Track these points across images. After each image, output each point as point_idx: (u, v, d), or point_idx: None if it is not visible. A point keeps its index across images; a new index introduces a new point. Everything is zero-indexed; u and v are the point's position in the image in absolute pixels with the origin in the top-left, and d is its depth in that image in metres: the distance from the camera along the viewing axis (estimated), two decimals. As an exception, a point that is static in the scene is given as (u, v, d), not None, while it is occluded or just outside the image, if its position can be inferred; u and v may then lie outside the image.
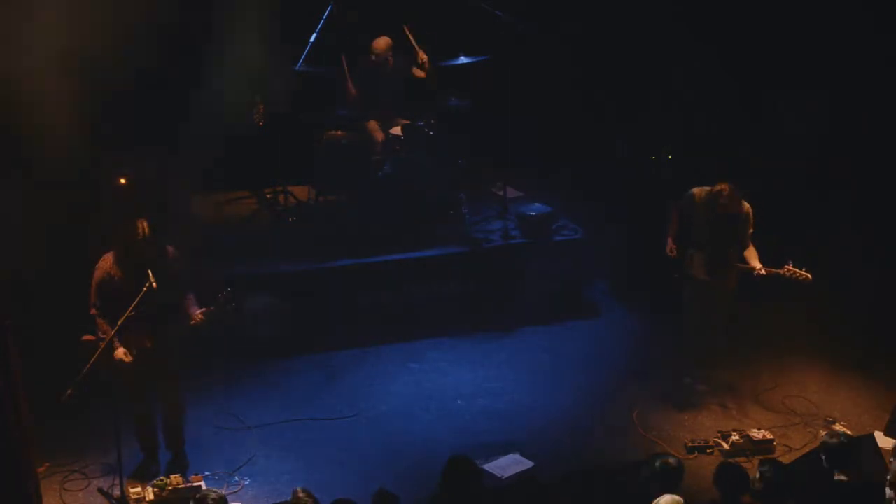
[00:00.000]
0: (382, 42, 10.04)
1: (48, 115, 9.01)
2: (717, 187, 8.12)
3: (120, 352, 7.13)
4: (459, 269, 9.92)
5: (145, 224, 7.03)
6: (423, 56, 10.07)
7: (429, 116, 10.07)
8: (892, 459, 6.23)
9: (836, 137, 10.05)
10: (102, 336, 7.10)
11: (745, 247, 8.26)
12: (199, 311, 7.24)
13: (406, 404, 8.70)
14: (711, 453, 7.95)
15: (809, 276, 7.89)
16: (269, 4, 10.03)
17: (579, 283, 10.46)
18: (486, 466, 7.73)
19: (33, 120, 8.93)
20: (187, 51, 10.18)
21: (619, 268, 10.62)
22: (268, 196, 10.51)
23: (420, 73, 10.17)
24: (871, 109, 9.92)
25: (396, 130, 10.11)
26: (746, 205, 8.25)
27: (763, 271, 8.09)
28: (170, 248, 7.32)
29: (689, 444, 8.03)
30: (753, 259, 8.18)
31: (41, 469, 7.30)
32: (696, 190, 8.40)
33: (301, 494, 5.99)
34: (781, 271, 7.99)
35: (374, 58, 10.08)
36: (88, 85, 9.21)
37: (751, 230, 8.28)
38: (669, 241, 8.59)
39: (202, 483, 7.37)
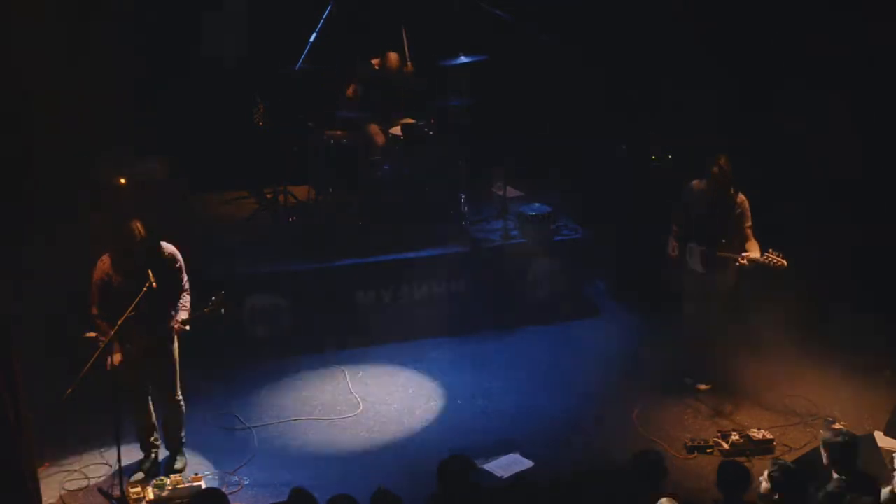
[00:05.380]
0: (393, 58, 10.05)
1: (48, 115, 9.04)
2: (716, 159, 8.14)
3: (116, 357, 7.10)
4: (459, 269, 9.92)
5: (140, 226, 7.01)
6: (409, 68, 10.13)
7: (429, 116, 10.08)
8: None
9: (836, 136, 10.04)
10: (102, 337, 7.10)
11: (746, 239, 8.26)
12: (178, 319, 7.24)
13: (406, 404, 8.70)
14: (711, 453, 7.94)
15: (785, 262, 7.89)
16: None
17: (579, 283, 10.47)
18: (486, 466, 7.73)
19: (34, 120, 8.96)
20: (186, 50, 10.21)
21: (620, 268, 10.62)
22: (268, 196, 10.51)
23: (409, 70, 10.23)
24: (872, 108, 9.91)
25: (396, 130, 10.12)
26: (742, 196, 8.27)
27: (745, 261, 8.08)
28: (169, 248, 7.31)
29: (689, 444, 8.02)
30: (753, 251, 8.16)
31: (41, 469, 7.29)
32: (695, 182, 8.44)
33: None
34: (762, 259, 8.00)
35: (383, 68, 10.09)
36: (89, 85, 9.23)
37: (749, 223, 8.28)
38: (672, 240, 8.60)
39: (202, 483, 7.37)
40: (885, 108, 9.85)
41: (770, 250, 7.98)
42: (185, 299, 7.37)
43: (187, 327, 7.25)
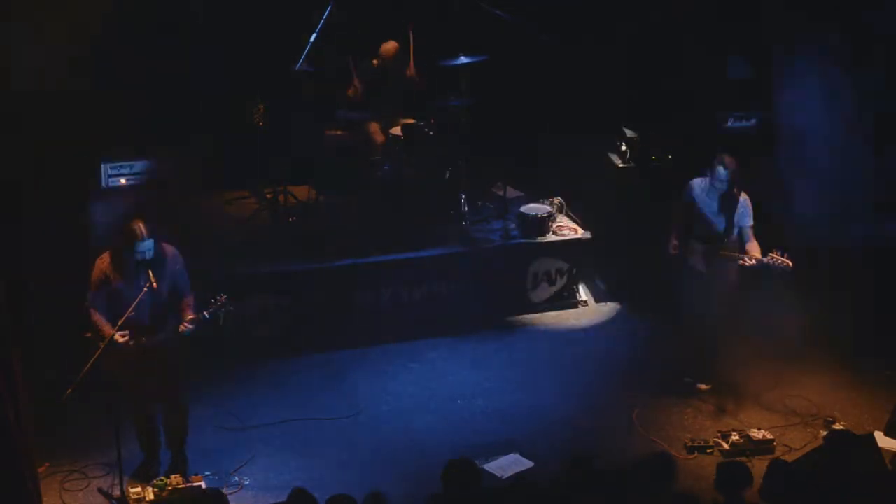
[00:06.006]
0: (391, 46, 10.07)
1: (49, 115, 9.02)
2: (723, 159, 8.15)
3: (118, 335, 7.07)
4: (459, 269, 9.92)
5: (142, 225, 7.01)
6: (411, 71, 10.14)
7: (429, 116, 10.08)
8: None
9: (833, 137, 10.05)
10: (100, 332, 7.09)
11: (747, 240, 8.27)
12: (187, 319, 7.23)
13: (406, 404, 8.71)
14: (711, 453, 7.95)
15: (790, 263, 7.90)
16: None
17: (579, 283, 10.46)
18: (486, 466, 7.73)
19: (34, 120, 8.94)
20: (186, 50, 10.20)
21: (619, 267, 10.62)
22: (268, 196, 10.52)
23: (411, 73, 10.22)
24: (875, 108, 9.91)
25: (396, 130, 10.12)
26: (744, 195, 8.28)
27: (748, 261, 8.08)
28: (169, 248, 7.31)
29: (689, 444, 8.03)
30: (754, 251, 8.17)
31: (41, 469, 7.29)
32: (697, 179, 8.45)
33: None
34: (766, 259, 8.01)
35: (381, 61, 10.11)
36: (89, 84, 9.22)
37: (751, 222, 8.29)
38: (672, 238, 8.61)
39: (202, 483, 7.37)
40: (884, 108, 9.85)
41: (774, 251, 7.98)
42: (189, 300, 7.36)
43: (192, 326, 7.24)
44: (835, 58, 9.48)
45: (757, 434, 8.00)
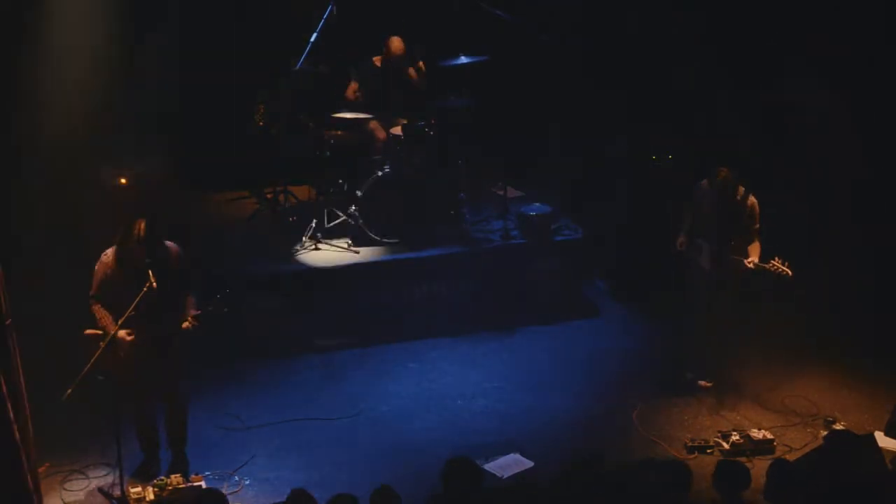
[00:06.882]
0: (397, 43, 10.06)
1: (49, 114, 9.04)
2: (718, 172, 8.21)
3: (122, 332, 7.08)
4: (459, 269, 9.92)
5: (142, 225, 7.01)
6: (413, 74, 10.17)
7: (429, 116, 10.08)
8: None
9: (836, 136, 10.05)
10: (100, 325, 7.09)
11: (750, 241, 8.32)
12: (191, 316, 7.24)
13: (406, 404, 8.70)
14: (711, 453, 7.95)
15: (790, 273, 7.96)
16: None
17: (579, 283, 10.47)
18: (486, 466, 7.72)
19: (35, 119, 8.96)
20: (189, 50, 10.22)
21: (620, 268, 10.62)
22: (268, 196, 10.52)
23: (413, 74, 10.22)
24: (875, 109, 9.92)
25: (396, 130, 10.12)
26: (752, 199, 8.33)
27: (752, 265, 8.14)
28: (173, 247, 7.31)
29: (689, 444, 8.03)
30: (754, 254, 8.23)
31: (41, 469, 7.28)
32: (704, 181, 8.48)
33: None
34: (768, 266, 8.07)
35: (385, 58, 10.11)
36: (90, 84, 9.24)
37: (756, 225, 8.33)
38: (682, 235, 8.62)
39: (202, 483, 7.37)
40: (885, 108, 9.86)
41: (776, 258, 8.03)
42: (190, 299, 7.35)
43: (193, 324, 7.23)
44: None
45: (757, 434, 8.00)
